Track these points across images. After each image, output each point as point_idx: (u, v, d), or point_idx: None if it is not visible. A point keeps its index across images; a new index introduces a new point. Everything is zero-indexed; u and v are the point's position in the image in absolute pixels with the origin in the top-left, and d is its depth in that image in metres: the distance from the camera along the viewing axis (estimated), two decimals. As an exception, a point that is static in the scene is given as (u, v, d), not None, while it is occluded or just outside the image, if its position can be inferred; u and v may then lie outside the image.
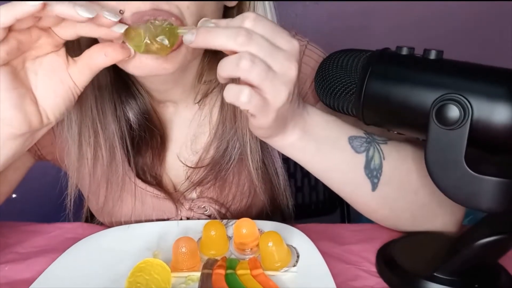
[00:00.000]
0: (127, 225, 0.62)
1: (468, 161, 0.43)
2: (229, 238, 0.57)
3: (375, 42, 0.63)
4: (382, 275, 0.53)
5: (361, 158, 0.53)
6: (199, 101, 0.66)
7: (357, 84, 0.50)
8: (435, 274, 0.49)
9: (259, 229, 0.57)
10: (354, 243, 0.59)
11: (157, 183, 0.66)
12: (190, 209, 0.66)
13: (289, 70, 0.42)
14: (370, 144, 0.54)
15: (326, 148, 0.52)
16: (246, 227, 0.55)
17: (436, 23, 1.47)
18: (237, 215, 0.67)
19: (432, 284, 0.49)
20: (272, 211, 0.70)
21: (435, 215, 0.56)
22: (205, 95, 0.66)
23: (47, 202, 1.37)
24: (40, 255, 0.58)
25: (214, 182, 0.65)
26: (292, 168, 1.15)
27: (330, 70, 0.53)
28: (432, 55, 0.46)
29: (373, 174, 0.53)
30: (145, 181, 0.65)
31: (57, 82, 0.47)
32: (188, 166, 0.66)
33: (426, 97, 0.44)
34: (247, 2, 0.58)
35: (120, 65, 0.50)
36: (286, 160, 1.12)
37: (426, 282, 0.49)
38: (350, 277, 0.53)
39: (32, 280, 0.51)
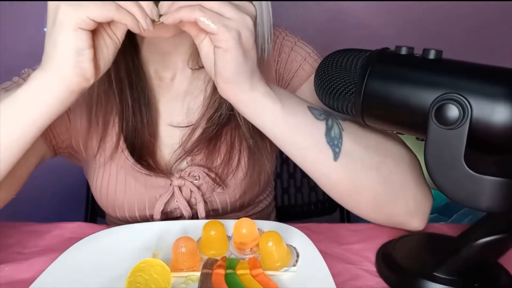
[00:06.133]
0: (127, 225, 0.62)
1: (468, 161, 0.43)
2: (229, 238, 0.57)
3: (375, 42, 0.63)
4: (382, 275, 0.53)
5: (321, 125, 0.55)
6: (197, 69, 0.69)
7: (357, 84, 0.50)
8: (435, 273, 0.49)
9: (259, 229, 0.57)
10: (354, 242, 0.59)
11: (151, 160, 0.69)
12: (181, 177, 0.68)
13: (247, 5, 0.48)
14: (328, 116, 0.56)
15: (291, 108, 0.54)
16: (246, 227, 0.55)
17: (436, 23, 1.46)
18: (227, 181, 0.70)
19: (432, 283, 0.49)
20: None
21: (397, 198, 0.56)
22: (201, 67, 0.69)
23: (47, 202, 1.37)
24: (40, 255, 0.58)
25: (205, 146, 0.68)
26: (292, 168, 1.15)
27: (329, 70, 0.53)
28: (432, 55, 0.46)
29: (334, 143, 0.54)
30: (138, 161, 0.68)
31: (107, 36, 0.51)
32: (182, 127, 0.69)
33: (426, 96, 0.44)
34: None
35: None
36: (286, 160, 1.13)
37: (426, 281, 0.49)
38: (350, 277, 0.53)
39: (32, 280, 0.51)
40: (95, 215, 1.04)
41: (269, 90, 0.53)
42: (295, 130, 0.54)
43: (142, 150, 0.69)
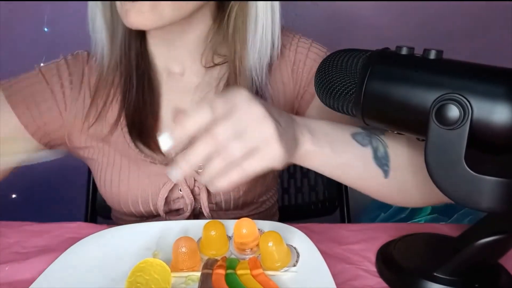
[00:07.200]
0: (127, 225, 0.62)
1: (468, 161, 0.43)
2: (229, 238, 0.57)
3: (375, 42, 0.63)
4: (382, 275, 0.53)
5: (368, 151, 0.55)
6: (211, 66, 0.69)
7: (357, 84, 0.50)
8: (435, 274, 0.49)
9: (259, 229, 0.57)
10: (354, 243, 0.59)
11: (153, 142, 0.69)
12: None
13: (259, 127, 0.45)
14: (370, 137, 0.56)
15: (338, 146, 0.54)
16: (246, 227, 0.55)
17: (436, 23, 1.46)
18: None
19: (432, 284, 0.49)
20: None
21: None
22: (215, 65, 0.69)
23: (47, 201, 1.37)
24: (40, 255, 0.58)
25: None
26: (292, 168, 1.15)
27: (329, 70, 0.53)
28: (432, 55, 0.46)
29: (382, 162, 0.55)
30: (142, 150, 0.68)
31: None
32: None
33: (426, 97, 0.44)
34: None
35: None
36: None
37: (426, 282, 0.49)
38: (350, 277, 0.53)
39: (32, 280, 0.51)
40: (95, 215, 1.04)
41: (311, 137, 0.52)
42: (346, 165, 0.55)
43: (143, 132, 0.69)
